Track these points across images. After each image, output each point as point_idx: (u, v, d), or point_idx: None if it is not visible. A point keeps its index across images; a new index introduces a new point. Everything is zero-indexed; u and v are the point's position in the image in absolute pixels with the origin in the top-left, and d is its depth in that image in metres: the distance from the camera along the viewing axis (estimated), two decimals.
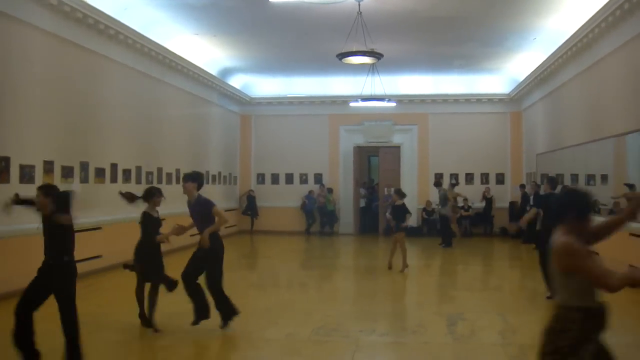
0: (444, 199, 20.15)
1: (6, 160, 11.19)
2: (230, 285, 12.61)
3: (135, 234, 8.89)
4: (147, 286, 8.91)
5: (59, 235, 6.74)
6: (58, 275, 6.64)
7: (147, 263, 8.85)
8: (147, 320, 8.77)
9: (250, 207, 24.88)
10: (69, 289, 6.75)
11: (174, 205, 11.93)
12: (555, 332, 4.18)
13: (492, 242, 21.73)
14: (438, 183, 21.07)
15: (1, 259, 10.84)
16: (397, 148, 24.91)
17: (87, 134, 13.92)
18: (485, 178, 24.23)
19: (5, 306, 9.77)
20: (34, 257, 6.98)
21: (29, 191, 11.42)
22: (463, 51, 19.04)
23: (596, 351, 4.17)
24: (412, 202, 24.04)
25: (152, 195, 9.04)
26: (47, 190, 6.81)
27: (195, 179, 8.78)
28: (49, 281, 6.61)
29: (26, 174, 11.72)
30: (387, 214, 15.66)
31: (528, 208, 20.21)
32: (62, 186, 12.47)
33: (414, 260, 18.36)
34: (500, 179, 24.24)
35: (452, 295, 12.37)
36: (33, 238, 8.09)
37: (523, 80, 21.39)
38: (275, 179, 25.47)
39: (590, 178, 15.77)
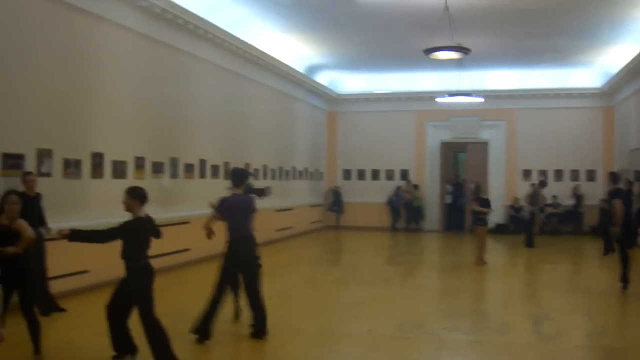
0: (535, 198, 19.34)
1: (100, 156, 11.65)
2: (314, 280, 12.82)
3: (222, 229, 9.04)
4: None
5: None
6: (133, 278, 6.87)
7: None
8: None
9: (336, 202, 25.04)
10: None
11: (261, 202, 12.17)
12: None
13: (582, 240, 21.17)
14: (543, 183, 19.74)
15: None
16: (485, 144, 24.58)
17: (177, 131, 14.33)
18: (575, 175, 23.61)
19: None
20: None
21: (121, 186, 11.95)
22: (553, 44, 18.60)
23: None
24: (499, 199, 23.75)
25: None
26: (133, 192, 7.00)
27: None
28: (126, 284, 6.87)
29: (118, 170, 12.18)
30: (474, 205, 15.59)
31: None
32: (152, 181, 12.95)
33: (499, 258, 18.14)
34: (591, 176, 23.55)
35: (538, 295, 12.16)
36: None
37: (616, 74, 20.68)
38: (361, 174, 25.53)
39: None
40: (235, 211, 8.23)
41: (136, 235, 6.90)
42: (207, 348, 7.90)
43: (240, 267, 8.20)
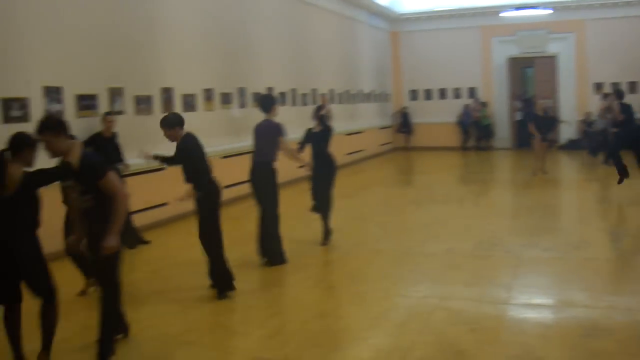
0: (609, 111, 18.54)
1: (169, 91, 11.84)
2: (389, 201, 12.89)
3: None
4: None
5: None
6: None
7: None
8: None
9: (404, 124, 24.92)
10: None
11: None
12: None
13: None
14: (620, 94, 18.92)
15: None
16: (553, 58, 23.85)
17: (243, 61, 14.37)
18: None
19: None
20: None
21: (191, 119, 12.15)
22: None
23: None
24: (571, 114, 23.21)
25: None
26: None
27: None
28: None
29: (188, 103, 12.36)
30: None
31: None
32: (221, 112, 13.10)
33: (574, 174, 17.88)
34: None
35: (615, 211, 12.02)
36: None
37: None
38: (428, 94, 25.23)
39: None
40: (256, 137, 8.44)
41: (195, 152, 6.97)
42: (288, 271, 8.13)
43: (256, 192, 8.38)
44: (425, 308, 6.47)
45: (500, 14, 22.19)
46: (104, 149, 9.49)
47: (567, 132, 23.11)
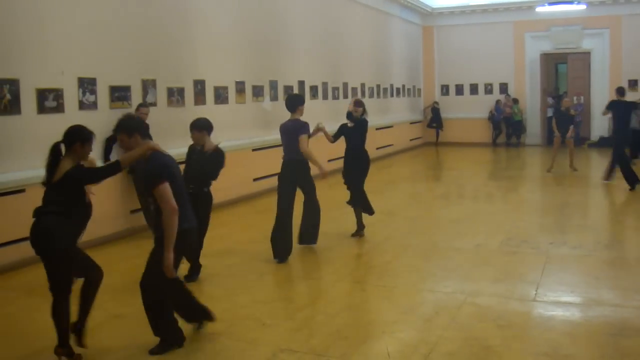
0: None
1: (202, 83, 11.93)
2: (417, 196, 12.89)
3: (323, 148, 9.21)
4: None
5: None
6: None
7: None
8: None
9: (435, 119, 24.80)
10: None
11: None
12: None
13: None
14: None
15: None
16: (587, 54, 23.58)
17: (275, 54, 14.42)
18: None
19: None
20: None
21: (223, 111, 12.24)
22: None
23: None
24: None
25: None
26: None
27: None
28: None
29: (220, 95, 12.45)
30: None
31: None
32: (253, 105, 13.18)
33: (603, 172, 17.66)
34: None
35: None
36: None
37: None
38: (459, 90, 25.10)
39: None
40: (283, 136, 8.62)
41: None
42: (316, 264, 8.18)
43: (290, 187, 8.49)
44: (453, 303, 6.48)
45: (535, 9, 22.00)
46: None
47: (598, 129, 22.88)
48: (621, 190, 13.64)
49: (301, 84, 15.51)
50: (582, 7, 21.09)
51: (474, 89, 24.86)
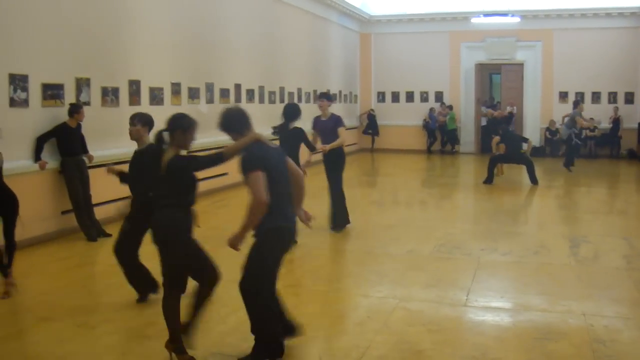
0: (572, 122, 18.46)
1: (137, 83, 11.76)
2: (352, 202, 12.91)
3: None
4: None
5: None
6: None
7: None
8: None
9: (371, 125, 24.97)
10: None
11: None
12: None
13: (618, 164, 21.00)
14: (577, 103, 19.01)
15: None
16: (521, 65, 24.16)
17: (212, 56, 14.33)
18: (613, 97, 23.13)
19: None
20: None
21: (158, 112, 12.09)
22: None
23: None
24: (535, 122, 23.64)
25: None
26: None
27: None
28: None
29: (156, 96, 12.29)
30: None
31: None
32: (188, 107, 13.05)
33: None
34: (629, 99, 22.93)
35: (575, 218, 12.21)
36: None
37: None
38: (395, 97, 25.35)
39: None
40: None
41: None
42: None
43: None
44: (385, 308, 6.53)
45: (470, 20, 22.42)
46: (69, 140, 9.47)
47: (531, 138, 23.41)
48: (552, 197, 13.98)
49: (238, 87, 15.44)
50: (516, 19, 21.59)
51: (410, 96, 25.14)
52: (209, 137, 13.78)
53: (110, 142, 10.63)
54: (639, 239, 10.00)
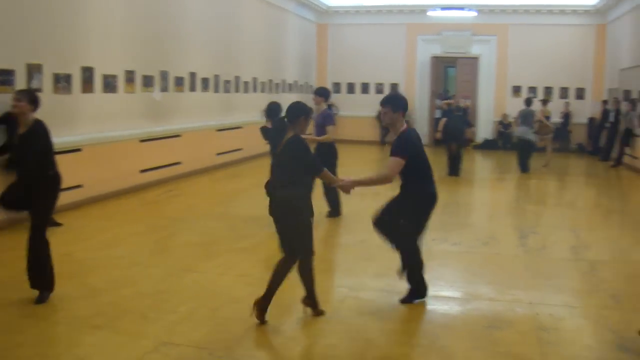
0: (529, 119, 17.34)
1: (90, 70, 11.57)
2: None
3: (213, 142, 9.16)
4: None
5: None
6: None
7: None
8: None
9: None
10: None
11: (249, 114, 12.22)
12: None
13: (568, 158, 21.39)
14: (529, 101, 17.82)
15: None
16: (475, 59, 24.46)
17: (167, 44, 14.19)
18: (564, 92, 23.57)
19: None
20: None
21: (111, 100, 11.98)
22: None
23: None
24: (489, 115, 23.95)
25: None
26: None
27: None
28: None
29: (109, 83, 12.13)
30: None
31: (607, 125, 19.85)
32: (142, 95, 12.94)
33: (487, 173, 18.40)
34: (580, 94, 23.48)
35: (524, 209, 12.44)
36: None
37: None
38: (351, 88, 25.44)
39: None
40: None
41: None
42: (201, 257, 8.12)
43: None
44: (336, 297, 6.60)
45: (427, 13, 22.60)
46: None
47: (484, 131, 23.78)
48: (501, 190, 14.19)
49: (193, 75, 15.33)
50: (473, 14, 21.83)
51: (365, 88, 25.27)
52: (164, 125, 13.85)
53: (62, 129, 10.47)
54: (585, 230, 10.24)
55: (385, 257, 8.20)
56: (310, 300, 6.02)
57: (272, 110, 9.76)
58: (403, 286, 7.03)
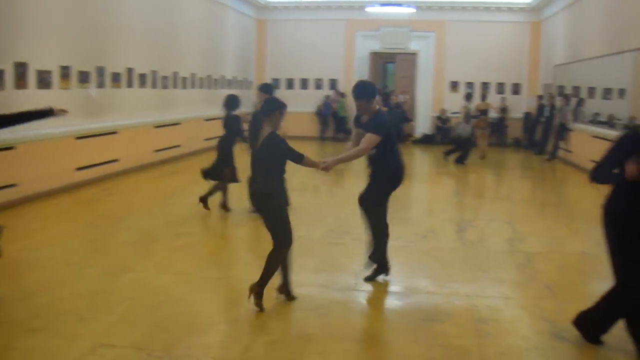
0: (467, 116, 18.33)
1: (23, 66, 11.24)
2: (242, 189, 12.94)
3: (151, 139, 9.04)
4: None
5: None
6: None
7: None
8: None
9: None
10: None
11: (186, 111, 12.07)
12: None
13: (505, 152, 21.78)
14: (469, 96, 19.24)
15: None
16: (414, 55, 24.69)
17: (103, 39, 13.90)
18: (501, 88, 24.01)
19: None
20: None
21: (46, 96, 11.70)
22: None
23: None
24: (427, 110, 24.24)
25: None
26: None
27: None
28: None
29: (43, 80, 11.82)
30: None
31: (542, 119, 20.30)
32: (78, 91, 12.68)
33: (426, 167, 18.60)
34: (516, 90, 23.95)
35: (462, 203, 12.62)
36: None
37: None
38: (290, 84, 25.38)
39: (607, 92, 15.69)
40: None
41: None
42: (137, 256, 8.01)
43: None
44: (276, 294, 6.56)
45: (366, 9, 22.70)
46: None
47: (422, 126, 24.05)
48: (440, 184, 14.35)
49: (130, 71, 15.08)
50: (411, 10, 22.00)
51: (304, 83, 25.26)
52: (101, 122, 13.59)
53: None
54: (521, 223, 10.43)
55: (324, 253, 8.25)
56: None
57: (230, 102, 10.03)
58: (343, 282, 7.09)
